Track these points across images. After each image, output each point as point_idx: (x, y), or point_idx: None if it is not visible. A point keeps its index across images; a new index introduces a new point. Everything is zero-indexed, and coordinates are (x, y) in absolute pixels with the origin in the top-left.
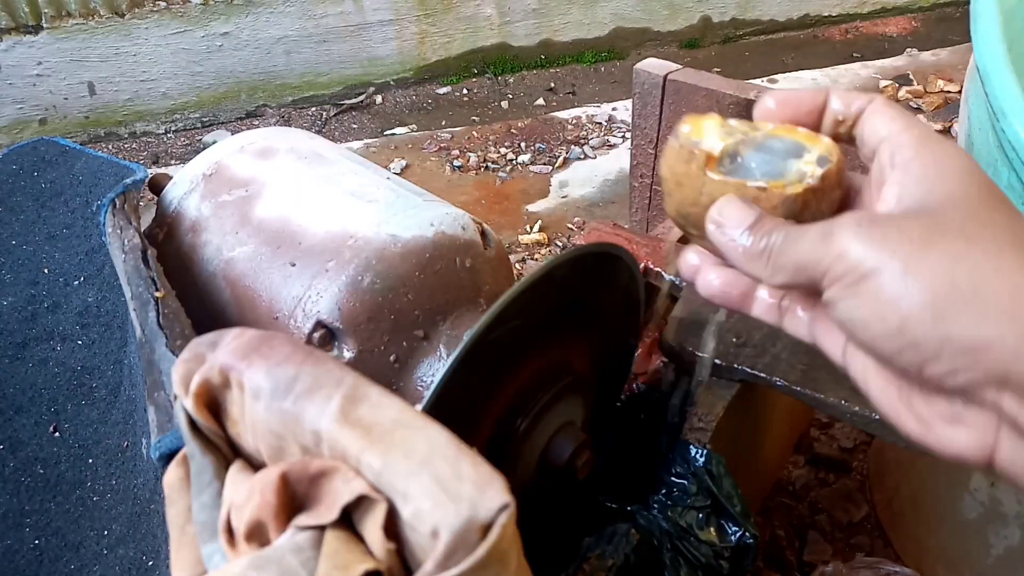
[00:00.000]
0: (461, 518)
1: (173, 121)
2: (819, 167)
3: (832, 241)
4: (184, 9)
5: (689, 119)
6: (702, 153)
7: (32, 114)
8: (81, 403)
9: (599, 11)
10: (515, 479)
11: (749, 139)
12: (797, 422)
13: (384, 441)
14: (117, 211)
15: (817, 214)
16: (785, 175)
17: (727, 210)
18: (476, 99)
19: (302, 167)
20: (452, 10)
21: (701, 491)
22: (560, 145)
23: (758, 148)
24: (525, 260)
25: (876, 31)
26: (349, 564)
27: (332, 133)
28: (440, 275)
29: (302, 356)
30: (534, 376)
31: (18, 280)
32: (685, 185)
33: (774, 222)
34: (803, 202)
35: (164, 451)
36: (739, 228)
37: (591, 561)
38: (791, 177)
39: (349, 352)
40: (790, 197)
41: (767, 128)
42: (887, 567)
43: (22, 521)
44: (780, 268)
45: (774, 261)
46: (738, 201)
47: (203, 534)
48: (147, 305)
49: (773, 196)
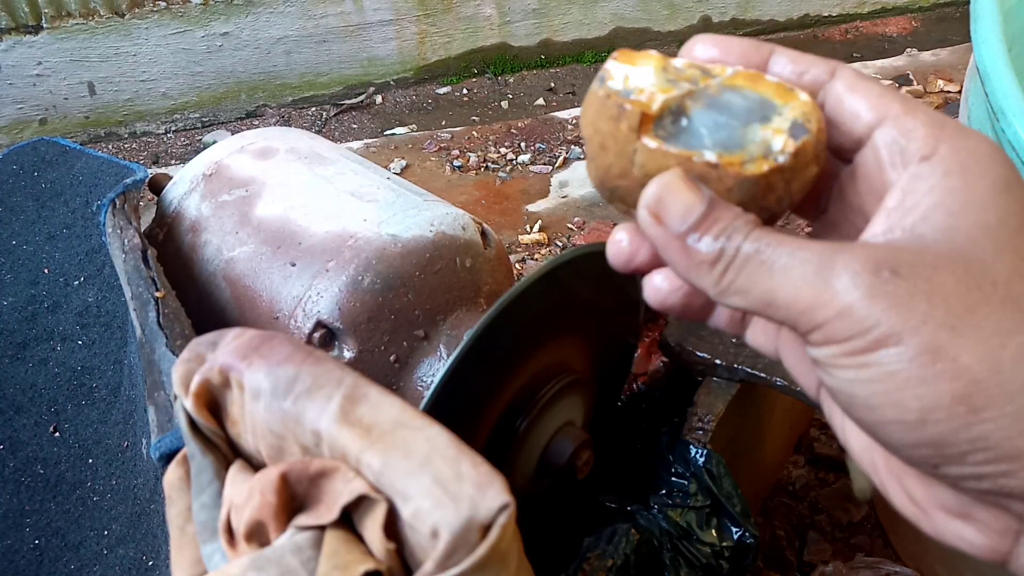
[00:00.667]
0: (461, 518)
1: (173, 121)
2: (792, 138)
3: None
4: (184, 9)
5: (622, 55)
6: (635, 109)
7: (32, 114)
8: (81, 403)
9: (599, 11)
10: (515, 479)
11: (699, 91)
12: (797, 422)
13: (384, 441)
14: (117, 211)
15: (783, 198)
16: (745, 146)
17: (667, 196)
18: (476, 99)
19: (302, 167)
20: (452, 10)
21: (701, 491)
22: (560, 145)
23: (711, 105)
24: (525, 260)
25: (876, 31)
26: (349, 564)
27: (332, 133)
28: (440, 275)
29: (302, 356)
30: (534, 376)
31: (18, 280)
32: (611, 150)
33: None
34: (766, 184)
35: (164, 451)
36: (683, 223)
37: (591, 561)
38: (753, 151)
39: (349, 352)
40: (749, 179)
41: (724, 75)
42: (887, 567)
43: (22, 521)
44: (739, 291)
45: (732, 279)
46: (683, 184)
47: (203, 534)
48: (147, 305)
49: (726, 176)
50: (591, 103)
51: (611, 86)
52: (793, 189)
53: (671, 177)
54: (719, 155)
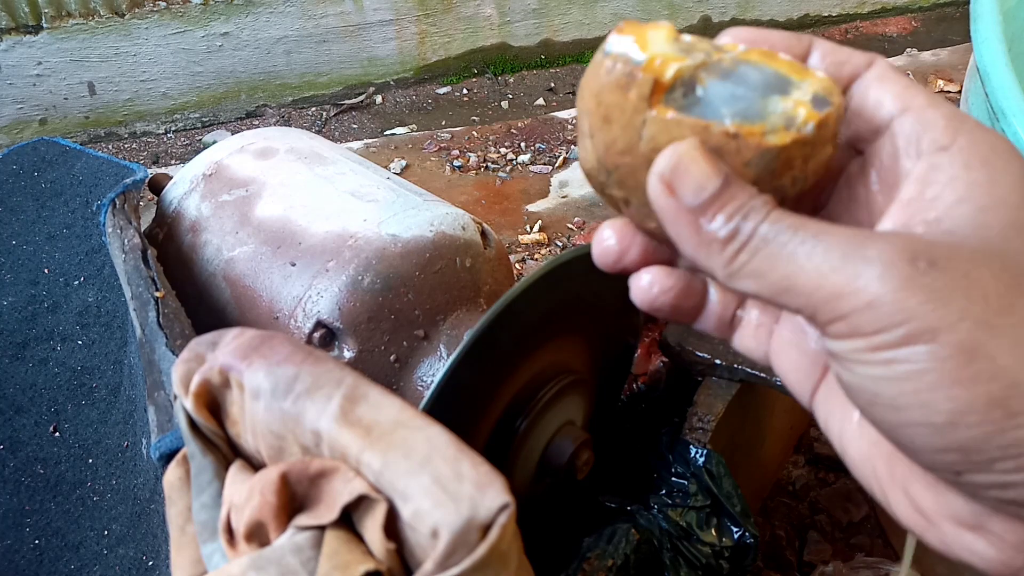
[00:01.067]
0: (461, 518)
1: (173, 121)
2: (816, 109)
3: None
4: (184, 9)
5: (628, 26)
6: (647, 77)
7: (32, 114)
8: (81, 403)
9: (599, 11)
10: (515, 479)
11: (713, 64)
12: (797, 422)
13: (384, 441)
14: (117, 211)
15: (798, 179)
16: (765, 117)
17: (683, 165)
18: (476, 99)
19: (302, 167)
20: (452, 10)
21: (701, 491)
22: (560, 145)
23: (726, 77)
24: (525, 260)
25: (876, 31)
26: (349, 564)
27: (332, 133)
28: (440, 275)
29: (302, 356)
30: (534, 376)
31: (18, 280)
32: (616, 123)
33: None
34: (785, 159)
35: (164, 451)
36: (697, 196)
37: (591, 561)
38: (774, 121)
39: (349, 352)
40: (770, 150)
41: (736, 50)
42: (887, 567)
43: (22, 521)
44: (753, 274)
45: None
46: (700, 154)
47: (203, 534)
48: (147, 305)
49: (745, 147)
50: (594, 73)
51: (619, 51)
52: (809, 169)
53: (688, 145)
54: (738, 125)
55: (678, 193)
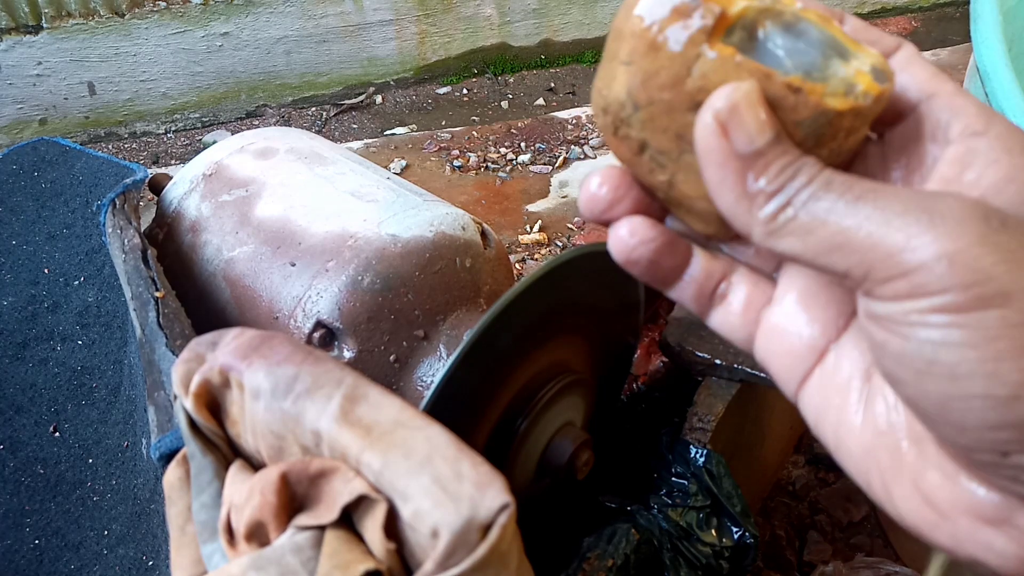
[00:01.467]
0: (461, 518)
1: (173, 121)
2: (877, 82)
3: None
4: (184, 9)
5: None
6: (709, 11)
7: (32, 114)
8: (81, 403)
9: (599, 11)
10: (515, 479)
11: (776, 12)
12: (797, 422)
13: (384, 441)
14: (117, 211)
15: (835, 153)
16: (827, 78)
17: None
18: (476, 99)
19: (302, 167)
20: (452, 10)
21: (701, 491)
22: (560, 145)
23: (787, 29)
24: (525, 260)
25: None
26: (349, 564)
27: (332, 133)
28: (440, 275)
29: (302, 356)
30: (534, 376)
31: (18, 280)
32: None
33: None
34: (835, 127)
35: (164, 451)
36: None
37: (591, 561)
38: (835, 84)
39: (349, 352)
40: (826, 112)
41: (795, 6)
42: (887, 567)
43: (22, 521)
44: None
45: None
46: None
47: (203, 534)
48: (147, 305)
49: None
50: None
51: None
52: (847, 145)
53: (751, 87)
54: (801, 80)
55: (732, 136)
